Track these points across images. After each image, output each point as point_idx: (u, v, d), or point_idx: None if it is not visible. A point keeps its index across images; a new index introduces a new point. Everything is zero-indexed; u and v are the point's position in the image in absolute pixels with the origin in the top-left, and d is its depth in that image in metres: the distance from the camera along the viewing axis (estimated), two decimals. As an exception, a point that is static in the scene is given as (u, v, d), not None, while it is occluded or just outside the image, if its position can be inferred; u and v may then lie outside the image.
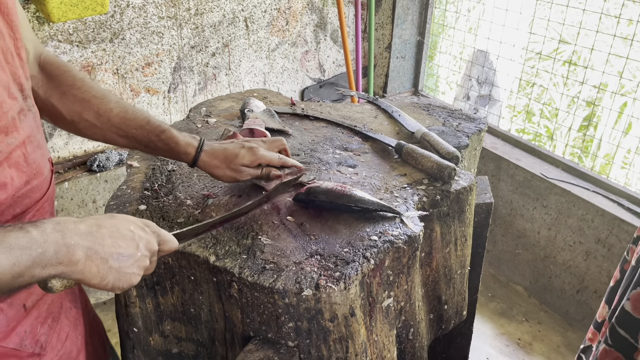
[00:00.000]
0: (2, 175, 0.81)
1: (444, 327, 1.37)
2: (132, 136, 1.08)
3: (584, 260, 2.36)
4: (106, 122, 1.06)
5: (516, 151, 2.68)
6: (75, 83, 1.04)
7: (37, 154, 0.90)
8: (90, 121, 1.05)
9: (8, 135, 0.82)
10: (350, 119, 1.58)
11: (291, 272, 0.98)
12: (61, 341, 1.00)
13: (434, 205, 1.21)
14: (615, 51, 2.27)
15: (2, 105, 0.80)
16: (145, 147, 1.11)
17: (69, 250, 0.71)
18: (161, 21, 2.39)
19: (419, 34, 3.16)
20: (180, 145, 1.11)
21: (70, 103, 1.04)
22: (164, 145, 1.10)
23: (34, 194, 0.89)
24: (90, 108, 1.05)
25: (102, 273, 0.75)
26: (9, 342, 0.88)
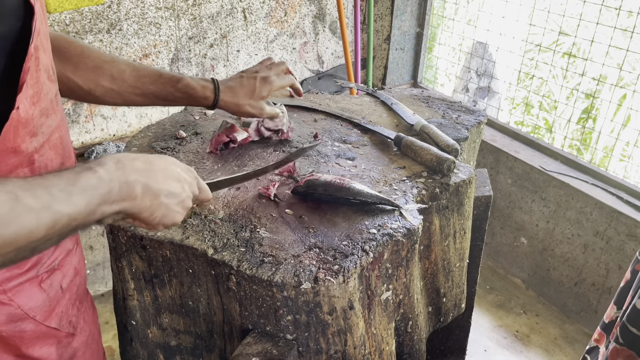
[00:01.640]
0: (45, 157, 0.84)
1: (442, 319, 1.37)
2: (149, 92, 1.10)
3: (582, 253, 2.37)
4: (122, 83, 1.07)
5: (515, 144, 2.68)
6: (83, 52, 1.06)
7: (68, 136, 0.93)
8: (107, 86, 1.07)
9: (49, 117, 0.84)
10: (349, 111, 1.57)
11: (290, 265, 0.98)
12: (88, 323, 1.05)
13: (433, 198, 1.21)
14: (615, 43, 2.26)
15: (43, 87, 0.81)
16: (164, 101, 1.13)
17: (129, 187, 0.75)
18: (158, 12, 2.37)
19: (418, 26, 3.14)
20: (198, 91, 1.13)
21: (84, 72, 1.05)
22: (183, 94, 1.12)
23: None
24: (104, 73, 1.06)
25: (153, 207, 0.79)
26: (50, 321, 0.93)
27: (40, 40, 0.80)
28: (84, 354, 1.04)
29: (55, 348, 0.95)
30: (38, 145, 0.82)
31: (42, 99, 0.81)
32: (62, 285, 0.95)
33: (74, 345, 1.01)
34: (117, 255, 1.12)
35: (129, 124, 2.50)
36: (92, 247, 2.46)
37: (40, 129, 0.82)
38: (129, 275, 1.12)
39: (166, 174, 0.81)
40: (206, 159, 1.31)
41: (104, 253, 2.48)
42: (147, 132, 1.45)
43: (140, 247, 1.07)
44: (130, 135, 2.49)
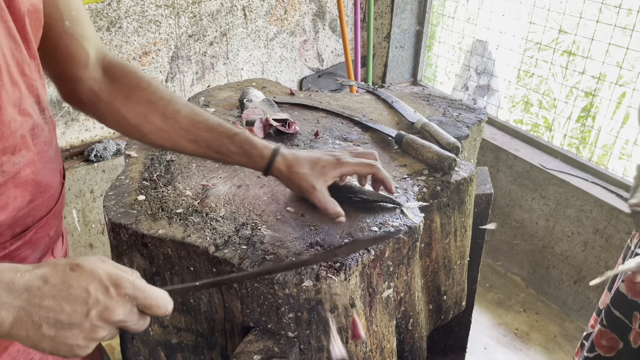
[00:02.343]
0: (5, 196, 0.75)
1: (443, 317, 1.38)
2: (202, 139, 0.98)
3: (582, 250, 2.37)
4: (174, 124, 0.97)
5: (515, 142, 2.68)
6: (140, 84, 0.97)
7: (47, 169, 0.84)
8: (157, 124, 0.97)
9: (15, 154, 0.75)
10: (349, 109, 1.57)
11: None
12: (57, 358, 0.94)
13: (434, 196, 1.21)
14: (615, 41, 2.26)
15: (10, 124, 0.73)
16: (217, 153, 1.00)
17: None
18: (158, 9, 2.37)
19: (418, 24, 3.14)
20: (255, 146, 1.00)
21: (134, 105, 0.96)
22: (238, 149, 0.99)
23: (37, 212, 0.83)
24: (157, 110, 0.97)
25: (34, 339, 0.63)
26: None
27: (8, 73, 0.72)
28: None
29: None
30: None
31: (7, 137, 0.73)
32: None
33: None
34: (119, 253, 1.12)
35: (129, 122, 2.50)
36: (92, 245, 2.46)
37: (1, 167, 0.73)
38: (130, 273, 1.12)
39: (62, 295, 0.63)
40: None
41: (104, 251, 2.48)
42: (147, 130, 1.45)
43: (142, 245, 1.07)
44: (130, 133, 2.49)
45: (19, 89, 0.75)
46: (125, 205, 1.13)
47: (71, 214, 2.35)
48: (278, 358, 0.97)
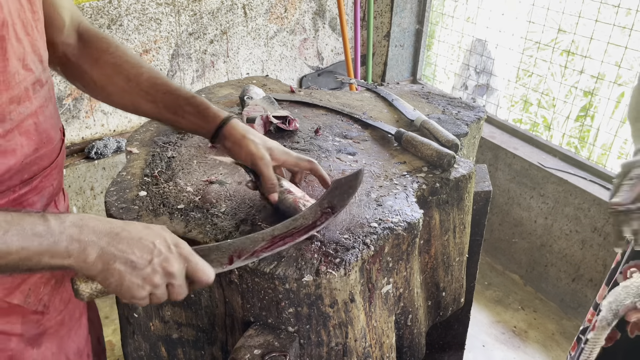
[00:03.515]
0: (13, 142, 0.83)
1: (441, 313, 1.39)
2: (160, 100, 1.04)
3: (580, 249, 2.38)
4: (135, 86, 1.03)
5: (514, 140, 2.69)
6: (109, 48, 1.03)
7: (48, 123, 0.91)
8: (120, 85, 1.03)
9: (20, 104, 0.83)
10: (349, 107, 1.58)
11: (291, 258, 0.99)
12: (64, 302, 1.03)
13: (433, 192, 1.22)
14: (614, 41, 2.27)
15: (15, 76, 0.81)
16: (173, 114, 1.04)
17: (80, 246, 0.74)
18: (159, 7, 2.37)
19: (417, 23, 3.15)
20: (211, 109, 1.05)
21: (101, 68, 1.03)
22: (193, 109, 1.04)
23: (42, 161, 0.91)
24: (121, 72, 1.03)
25: (107, 273, 0.77)
26: (13, 298, 0.91)
27: (14, 29, 0.79)
28: (57, 332, 1.02)
29: (20, 324, 0.94)
30: (3, 131, 0.81)
31: (13, 87, 0.81)
32: None
33: (44, 323, 0.99)
34: (120, 249, 1.13)
35: (129, 120, 2.51)
36: (92, 242, 2.46)
37: (8, 115, 0.81)
38: (131, 268, 1.13)
39: (134, 242, 0.78)
40: (208, 153, 1.32)
41: (104, 248, 2.49)
42: (148, 127, 1.46)
43: (143, 240, 1.08)
44: (131, 131, 2.50)
45: (22, 45, 0.82)
46: (127, 201, 1.13)
47: (71, 211, 2.35)
48: (278, 352, 0.97)
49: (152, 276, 0.79)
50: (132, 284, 0.78)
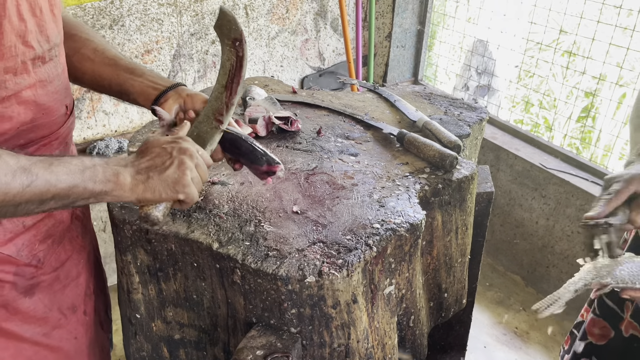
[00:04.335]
0: (10, 110, 0.91)
1: (443, 314, 1.39)
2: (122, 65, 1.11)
3: (582, 250, 2.38)
4: (101, 54, 1.12)
5: (515, 141, 2.69)
6: (84, 29, 1.14)
7: (50, 97, 0.98)
8: (86, 54, 1.12)
9: (17, 75, 0.90)
10: (351, 108, 1.58)
11: (294, 259, 0.99)
12: (60, 261, 1.10)
13: (435, 193, 1.22)
14: (615, 42, 2.27)
15: (12, 49, 0.87)
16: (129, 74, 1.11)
17: (114, 173, 0.85)
18: (161, 8, 2.38)
19: (419, 23, 3.15)
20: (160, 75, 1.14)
21: (72, 42, 1.11)
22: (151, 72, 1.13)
23: (39, 130, 0.98)
24: (90, 45, 1.13)
25: (150, 187, 0.88)
26: (4, 249, 0.98)
27: (17, 9, 0.86)
28: (50, 286, 1.08)
29: (12, 274, 1.00)
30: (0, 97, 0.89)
31: (8, 58, 0.87)
32: (24, 222, 1.00)
33: (38, 276, 1.05)
34: (122, 249, 1.13)
35: (131, 120, 2.51)
36: (93, 242, 2.47)
37: (4, 84, 0.88)
38: (133, 268, 1.13)
39: (151, 158, 0.90)
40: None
41: (105, 248, 2.48)
42: (151, 127, 1.46)
43: (146, 241, 1.08)
44: (133, 131, 2.50)
45: (25, 24, 0.89)
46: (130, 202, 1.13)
47: (73, 211, 2.35)
48: (281, 353, 0.97)
49: (182, 162, 0.90)
50: (175, 177, 0.89)
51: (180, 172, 0.90)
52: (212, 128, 1.03)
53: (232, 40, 1.05)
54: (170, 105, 1.08)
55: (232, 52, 1.05)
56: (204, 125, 1.03)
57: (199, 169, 0.93)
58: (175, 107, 1.08)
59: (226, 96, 1.05)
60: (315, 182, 1.21)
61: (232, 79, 1.05)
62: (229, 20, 1.05)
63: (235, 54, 1.05)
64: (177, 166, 0.90)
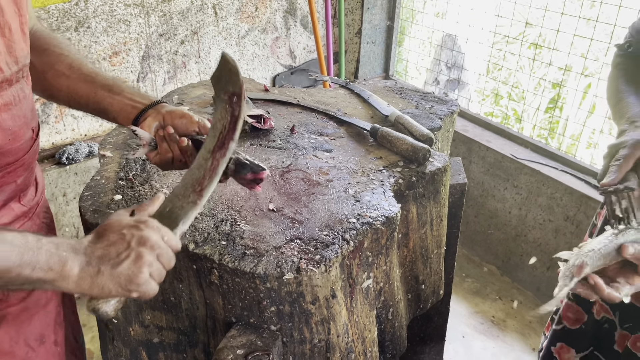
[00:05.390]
0: None
1: (422, 306, 1.40)
2: (98, 81, 1.04)
3: (554, 237, 2.43)
4: (77, 70, 1.05)
5: (486, 133, 2.73)
6: (59, 43, 1.07)
7: (16, 121, 0.92)
8: (61, 71, 1.05)
9: None
10: (324, 104, 1.58)
11: (272, 256, 0.99)
12: (27, 291, 1.03)
13: (409, 186, 1.23)
14: (579, 33, 2.32)
15: None
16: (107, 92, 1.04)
17: (60, 260, 0.75)
18: (127, 9, 2.34)
19: (388, 19, 3.17)
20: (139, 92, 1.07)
21: (45, 57, 1.05)
22: (131, 89, 1.06)
23: (4, 158, 0.92)
24: (65, 61, 1.05)
25: (98, 282, 0.77)
26: None
27: None
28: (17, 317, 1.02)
29: None
30: None
31: None
32: None
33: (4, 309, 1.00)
34: (96, 254, 1.11)
35: (101, 124, 2.47)
36: (66, 249, 2.42)
37: None
38: (109, 273, 1.11)
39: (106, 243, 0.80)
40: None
41: (79, 255, 2.44)
42: (121, 129, 1.43)
43: (120, 245, 1.07)
44: (103, 135, 2.46)
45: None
46: (102, 205, 1.12)
47: (44, 218, 2.30)
48: (261, 352, 0.97)
49: (140, 256, 0.79)
50: (128, 274, 0.79)
51: (136, 268, 0.79)
52: (189, 203, 0.89)
53: (229, 96, 0.92)
54: (150, 123, 1.01)
55: (226, 110, 0.92)
56: (179, 198, 0.90)
57: (162, 259, 0.82)
58: (154, 125, 1.01)
59: (211, 164, 0.90)
60: (291, 179, 1.21)
61: (222, 143, 0.91)
62: (229, 70, 0.92)
63: (230, 113, 0.91)
64: (133, 261, 0.79)
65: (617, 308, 1.40)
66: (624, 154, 1.10)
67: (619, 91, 1.28)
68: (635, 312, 1.36)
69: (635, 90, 1.25)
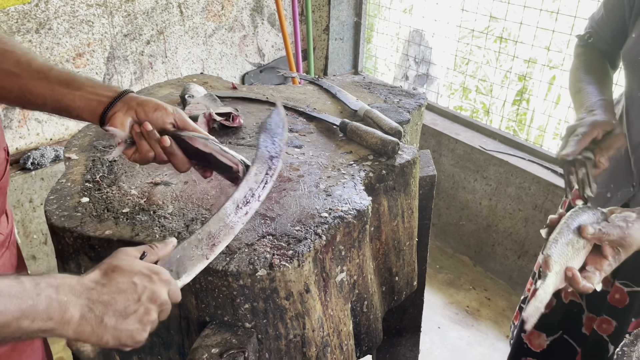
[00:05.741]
0: None
1: (396, 298, 1.41)
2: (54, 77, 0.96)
3: (524, 226, 2.48)
4: (26, 67, 0.96)
5: (455, 126, 2.76)
6: (2, 39, 0.98)
7: None
8: (8, 69, 0.96)
9: None
10: (293, 100, 1.58)
11: (244, 253, 0.98)
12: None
13: (380, 179, 1.23)
14: (542, 26, 2.37)
15: None
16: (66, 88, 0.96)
17: (60, 307, 0.68)
18: (90, 9, 2.29)
19: (356, 15, 3.18)
20: (111, 84, 0.99)
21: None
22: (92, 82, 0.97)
23: None
24: (11, 58, 0.96)
25: (98, 333, 0.71)
26: None
27: None
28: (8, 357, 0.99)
29: None
30: None
31: None
32: None
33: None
34: (64, 259, 1.09)
35: (67, 127, 2.42)
36: (34, 256, 2.36)
37: None
38: (78, 277, 1.09)
39: (114, 290, 0.73)
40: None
41: (48, 262, 2.39)
42: (87, 131, 1.41)
43: (89, 248, 1.05)
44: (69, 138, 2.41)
45: None
46: (69, 209, 1.09)
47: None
48: (236, 349, 0.97)
49: (147, 314, 0.75)
50: (132, 330, 0.73)
51: (141, 326, 0.74)
52: (199, 255, 0.88)
53: None
54: (122, 119, 0.95)
55: None
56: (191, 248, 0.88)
57: (162, 315, 0.79)
58: (128, 121, 0.95)
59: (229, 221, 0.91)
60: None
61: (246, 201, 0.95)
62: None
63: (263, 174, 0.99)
64: (139, 318, 0.74)
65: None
66: (582, 131, 1.14)
67: (579, 81, 1.31)
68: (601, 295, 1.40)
69: (594, 80, 1.29)
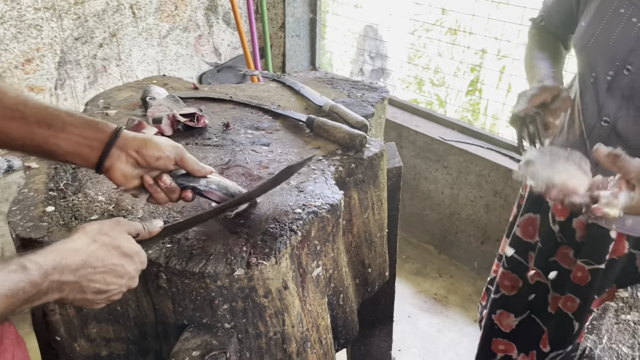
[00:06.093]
0: None
1: (369, 289, 1.43)
2: (32, 115, 0.87)
3: (485, 213, 2.55)
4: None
5: (415, 118, 2.81)
6: None
7: None
8: None
9: None
10: (257, 98, 1.58)
11: (220, 254, 0.98)
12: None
13: (349, 173, 1.25)
14: (493, 17, 2.44)
15: None
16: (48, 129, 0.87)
17: (60, 287, 0.76)
18: (37, 13, 2.21)
19: (311, 12, 3.19)
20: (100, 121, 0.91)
21: None
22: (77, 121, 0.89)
23: None
24: None
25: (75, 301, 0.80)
26: None
27: None
28: None
29: None
30: None
31: None
32: None
33: None
34: (32, 270, 1.05)
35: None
36: None
37: None
38: (47, 289, 1.05)
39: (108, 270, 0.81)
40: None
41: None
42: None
43: (58, 258, 1.02)
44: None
45: None
46: (34, 219, 1.06)
47: (-37, 242, 2.15)
48: (218, 351, 0.96)
49: (116, 296, 0.84)
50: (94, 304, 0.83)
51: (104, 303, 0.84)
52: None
53: None
54: (123, 171, 0.91)
55: None
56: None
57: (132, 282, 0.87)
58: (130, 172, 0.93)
59: None
60: (231, 176, 1.20)
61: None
62: None
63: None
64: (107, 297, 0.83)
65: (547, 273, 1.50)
66: (532, 93, 1.20)
67: (533, 57, 1.39)
68: (564, 274, 1.46)
69: (546, 56, 1.38)
